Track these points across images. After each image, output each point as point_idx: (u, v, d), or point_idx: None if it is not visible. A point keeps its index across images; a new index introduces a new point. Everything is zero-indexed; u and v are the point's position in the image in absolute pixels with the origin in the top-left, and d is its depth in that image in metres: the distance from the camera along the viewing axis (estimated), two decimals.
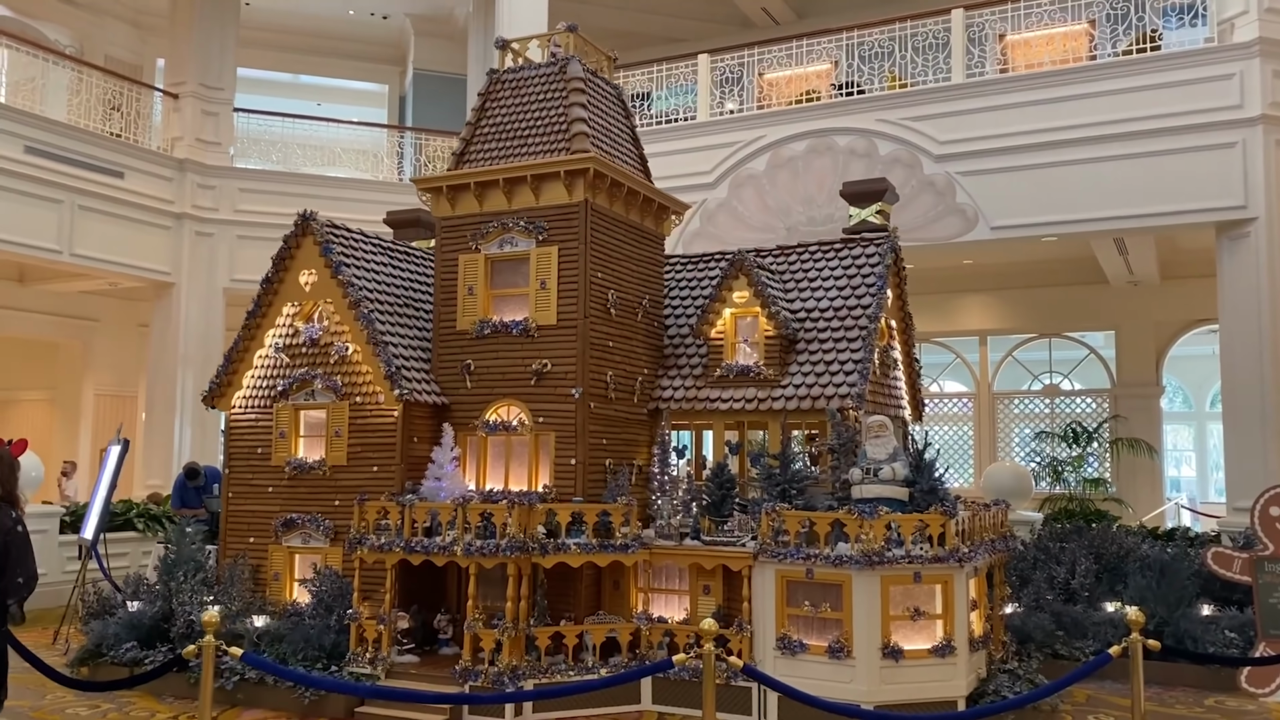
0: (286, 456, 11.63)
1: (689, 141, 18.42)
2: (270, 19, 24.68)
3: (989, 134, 16.55)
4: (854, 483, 10.13)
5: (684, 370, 12.15)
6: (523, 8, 18.02)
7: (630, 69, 19.35)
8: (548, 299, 11.12)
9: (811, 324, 11.85)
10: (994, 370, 22.32)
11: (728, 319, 11.85)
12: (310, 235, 11.63)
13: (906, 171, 16.71)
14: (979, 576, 10.40)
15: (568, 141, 11.30)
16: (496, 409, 11.32)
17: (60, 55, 19.42)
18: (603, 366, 11.23)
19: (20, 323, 21.34)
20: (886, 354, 12.09)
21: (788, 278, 12.40)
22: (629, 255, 11.83)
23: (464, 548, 9.96)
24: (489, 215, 11.45)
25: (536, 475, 11.09)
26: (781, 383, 11.51)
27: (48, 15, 22.85)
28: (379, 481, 11.09)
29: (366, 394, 11.27)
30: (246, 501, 11.86)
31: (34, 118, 17.66)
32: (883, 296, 11.72)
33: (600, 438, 11.15)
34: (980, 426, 21.98)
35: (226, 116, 20.97)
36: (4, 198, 17.01)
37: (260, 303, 11.86)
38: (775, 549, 9.74)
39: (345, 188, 20.62)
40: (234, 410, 12.08)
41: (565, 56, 11.77)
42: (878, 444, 10.29)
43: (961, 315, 22.21)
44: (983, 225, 16.61)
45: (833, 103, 17.72)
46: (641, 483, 11.69)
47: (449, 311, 11.60)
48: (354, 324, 11.28)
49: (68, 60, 19.46)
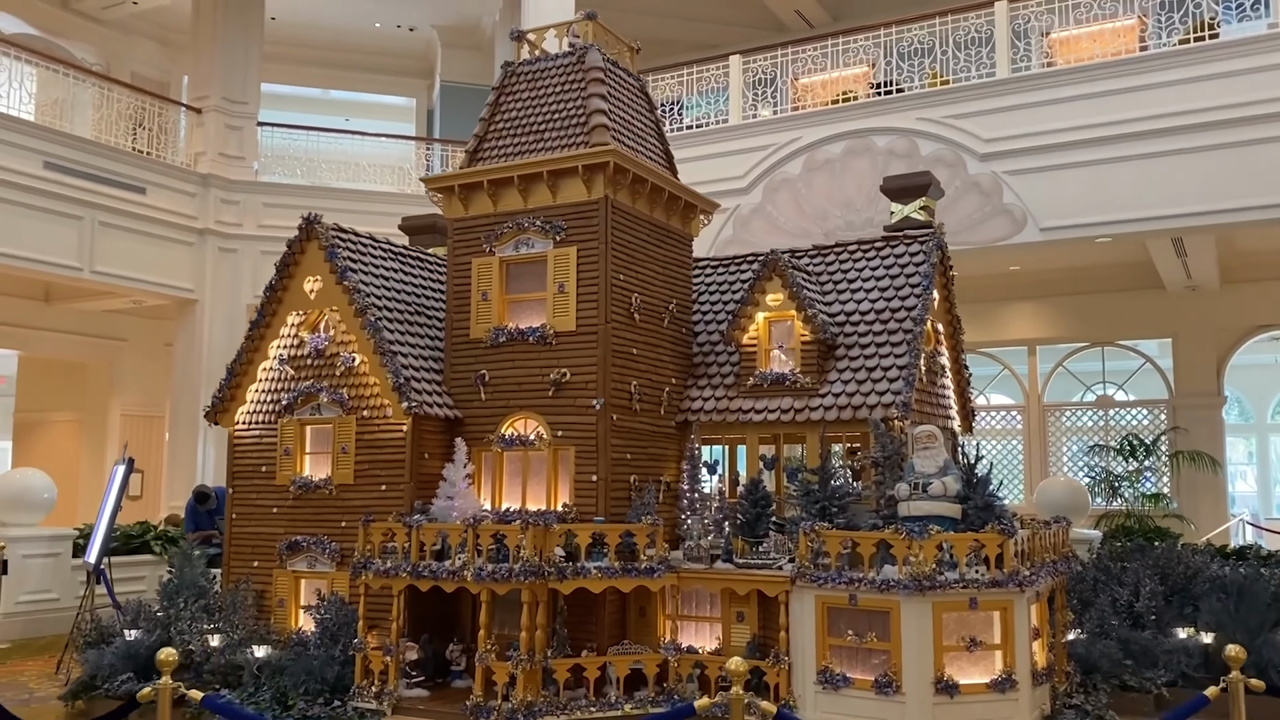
0: (291, 475, 10.93)
1: (721, 145, 17.67)
2: (296, 33, 24.27)
3: (1037, 130, 15.70)
4: (901, 499, 9.29)
5: (714, 379, 11.35)
6: (549, 15, 17.32)
7: (660, 73, 18.66)
8: (566, 303, 10.37)
9: (852, 328, 11.02)
10: (1044, 382, 21.32)
11: (761, 324, 11.03)
12: (315, 240, 10.96)
13: (950, 172, 15.85)
14: (1040, 602, 9.49)
15: (586, 135, 10.57)
16: (513, 422, 10.56)
17: (83, 70, 19.01)
18: (626, 376, 10.45)
19: (47, 343, 20.94)
20: (933, 360, 11.22)
21: (825, 279, 11.58)
22: (653, 256, 11.06)
23: (474, 572, 9.18)
24: (503, 215, 10.73)
25: (555, 493, 10.32)
26: (820, 391, 10.68)
27: (75, 34, 22.57)
28: (387, 501, 10.35)
29: (374, 408, 10.56)
30: (250, 523, 11.17)
31: (53, 133, 17.23)
32: (928, 297, 10.87)
33: (624, 452, 10.36)
34: (1030, 441, 20.98)
35: (250, 131, 20.50)
36: (23, 214, 16.57)
37: (263, 312, 11.20)
38: (815, 572, 8.91)
39: (372, 201, 20.04)
40: (237, 426, 11.42)
41: (584, 46, 11.05)
42: (926, 456, 9.46)
43: (1009, 324, 21.25)
44: (1032, 226, 15.73)
45: (871, 102, 16.92)
46: (669, 501, 10.89)
47: (462, 319, 10.88)
48: (360, 333, 10.58)
49: (90, 75, 19.05)
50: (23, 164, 16.58)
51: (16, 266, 16.70)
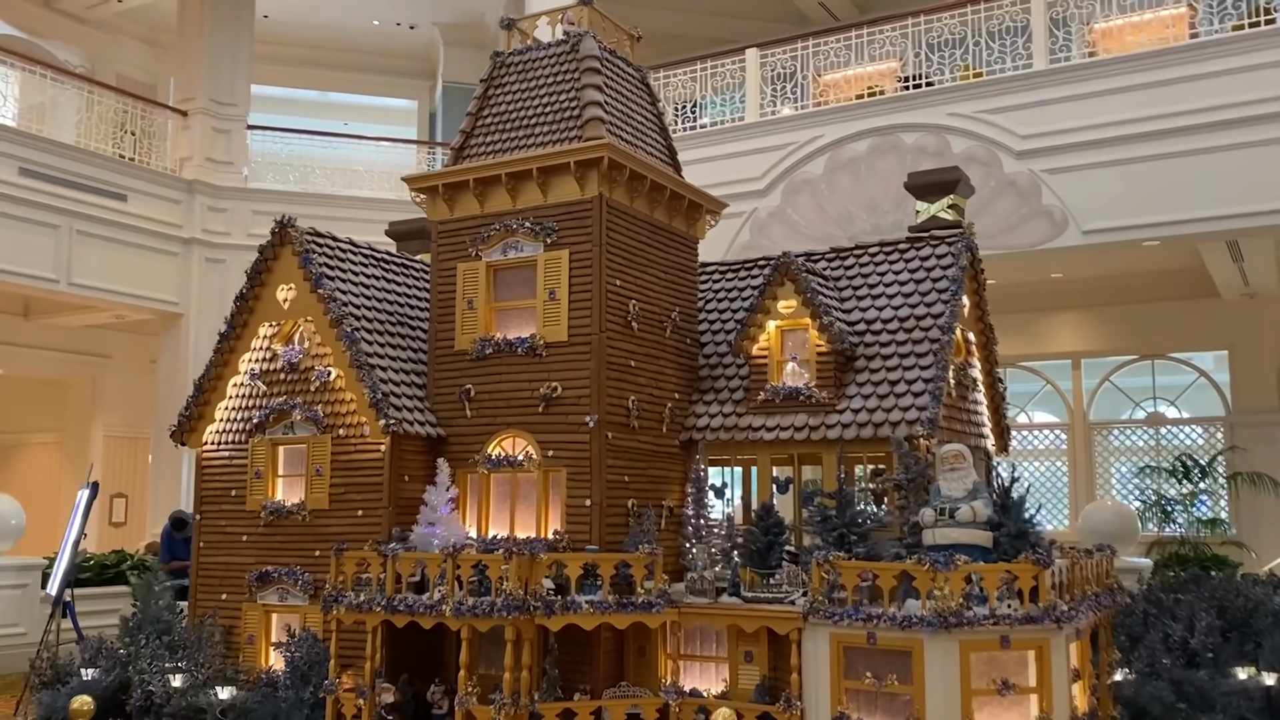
0: (262, 499, 10.10)
1: (737, 145, 16.76)
2: (290, 32, 23.46)
3: (1078, 125, 14.68)
4: (925, 526, 8.40)
5: (722, 395, 10.41)
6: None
7: (672, 68, 17.78)
8: (557, 311, 9.49)
9: (873, 337, 10.06)
10: (1089, 398, 20.16)
11: (772, 333, 10.09)
12: (289, 245, 10.15)
13: (984, 170, 14.82)
14: (1082, 639, 8.51)
15: (580, 129, 9.70)
16: (500, 441, 9.68)
17: (62, 72, 18.33)
18: (623, 390, 9.54)
19: (26, 360, 20.10)
20: (963, 372, 10.21)
21: (844, 284, 10.62)
22: (654, 260, 10.15)
23: (453, 607, 8.34)
24: (491, 217, 9.89)
25: (546, 519, 9.43)
26: (838, 407, 9.73)
27: (58, 35, 21.82)
28: (364, 528, 9.51)
29: (351, 426, 9.72)
30: (219, 552, 10.37)
31: (29, 137, 16.56)
32: (958, 304, 9.89)
33: (621, 474, 9.45)
34: (1075, 461, 19.81)
35: (239, 134, 19.72)
36: None
37: (233, 323, 10.42)
38: (829, 608, 8.03)
39: (369, 208, 19.13)
40: (206, 447, 10.63)
41: (578, 33, 10.19)
42: (954, 478, 8.52)
43: (1051, 336, 20.11)
44: (1073, 229, 14.69)
45: (898, 96, 15.95)
46: (672, 528, 9.98)
47: (446, 329, 10.03)
48: (336, 345, 9.78)
49: (70, 77, 18.38)
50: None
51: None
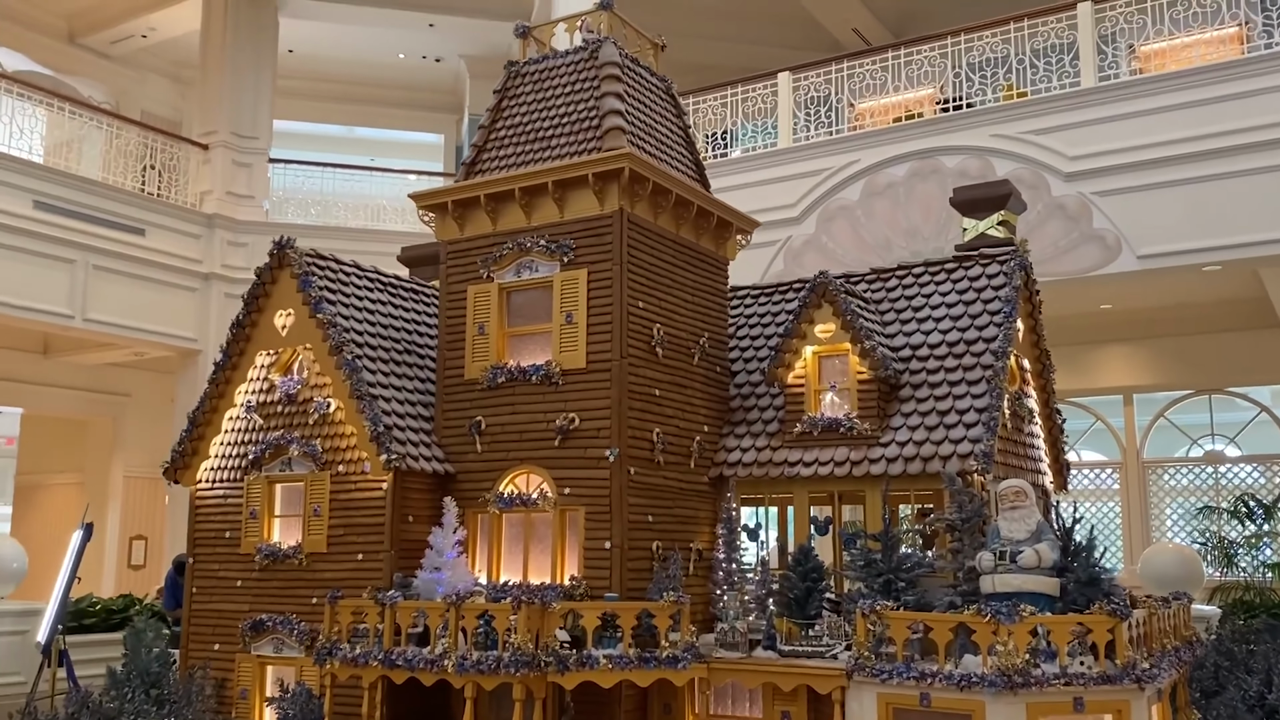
0: (257, 541, 9.34)
1: (769, 171, 16.05)
2: (316, 66, 23.16)
3: (1130, 145, 13.88)
4: (984, 571, 7.54)
5: (755, 427, 9.59)
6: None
7: (702, 94, 17.12)
8: (575, 336, 8.73)
9: (919, 363, 9.23)
10: (1143, 435, 19.10)
11: (809, 360, 9.27)
12: (288, 268, 9.46)
13: (1031, 194, 13.95)
14: (1162, 700, 7.55)
15: (599, 140, 8.98)
16: (513, 478, 8.90)
17: (81, 104, 17.92)
18: (647, 421, 8.75)
19: (45, 399, 19.65)
20: (1019, 402, 9.34)
21: (886, 307, 9.80)
22: (680, 282, 9.38)
23: (456, 662, 7.54)
24: (504, 235, 9.16)
25: (562, 564, 8.59)
26: (882, 440, 8.90)
27: (83, 70, 21.67)
28: (364, 573, 8.74)
29: (350, 461, 8.97)
30: (212, 598, 9.62)
31: (44, 170, 16.15)
32: (1011, 327, 9.05)
33: (644, 514, 8.63)
34: (1129, 502, 18.73)
35: (261, 168, 19.28)
36: (8, 257, 15.34)
37: (229, 352, 9.73)
38: (876, 664, 7.21)
39: (393, 242, 18.39)
40: (199, 485, 9.90)
41: (597, 39, 9.50)
42: (1014, 518, 7.68)
43: (1101, 370, 19.11)
44: (1127, 254, 13.84)
45: (938, 118, 15.20)
46: (702, 573, 9.14)
47: (455, 357, 9.28)
48: (336, 374, 9.03)
49: (88, 110, 17.96)
50: (10, 203, 15.41)
51: (1, 314, 15.42)
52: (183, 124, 21.77)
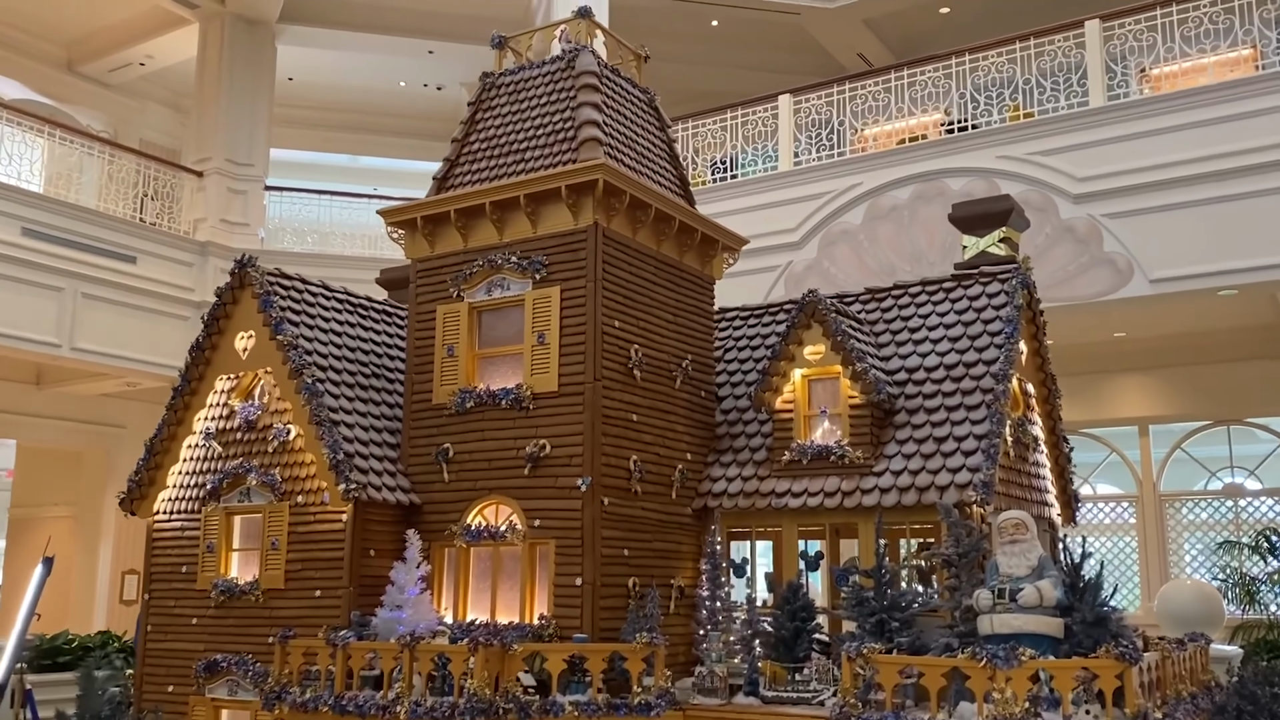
0: (214, 576, 8.80)
1: (769, 195, 15.57)
2: (317, 95, 22.84)
3: (1142, 165, 13.36)
4: (981, 610, 6.97)
5: (742, 455, 9.04)
6: None
7: (701, 118, 16.69)
8: (547, 357, 8.21)
9: (915, 387, 8.68)
10: (1159, 468, 18.41)
11: (798, 383, 8.73)
12: (249, 288, 8.99)
13: (1038, 217, 13.46)
14: None
15: (574, 152, 8.50)
16: (481, 509, 8.37)
17: (72, 131, 17.61)
18: (623, 448, 8.21)
19: (39, 430, 19.19)
20: (1022, 429, 8.77)
21: (881, 328, 9.27)
22: (661, 301, 8.87)
23: (409, 709, 6.96)
24: (475, 253, 8.68)
25: (531, 601, 8.03)
26: (875, 469, 8.34)
27: (82, 100, 21.30)
28: (322, 610, 8.19)
29: (310, 492, 8.44)
30: (166, 637, 9.08)
31: (34, 197, 15.78)
32: (1013, 349, 8.49)
33: (620, 547, 8.08)
34: (1145, 537, 18.02)
35: (256, 195, 18.85)
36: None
37: (188, 376, 9.23)
38: (863, 713, 6.59)
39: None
40: (157, 517, 9.39)
41: (575, 48, 9.05)
42: (1014, 552, 7.13)
43: (1115, 400, 18.47)
44: (1139, 279, 13.28)
45: (943, 140, 14.72)
46: (685, 612, 8.56)
47: (424, 381, 8.78)
48: (297, 399, 8.51)
49: (80, 136, 17.66)
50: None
51: None
52: (182, 153, 21.49)
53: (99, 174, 17.23)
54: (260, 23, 19.65)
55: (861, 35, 19.99)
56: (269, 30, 19.89)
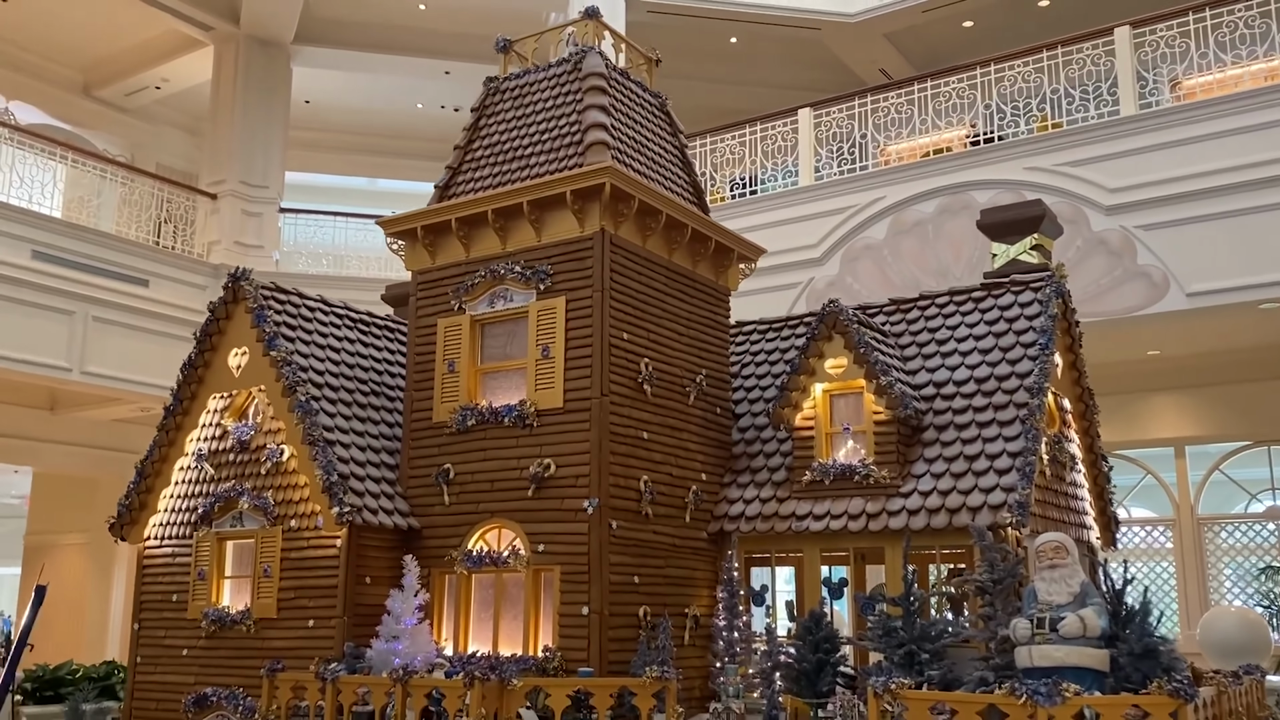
0: (205, 605, 8.37)
1: (790, 210, 15.13)
2: (335, 117, 22.70)
3: (1176, 175, 12.81)
4: (1019, 641, 6.46)
5: (760, 475, 8.56)
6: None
7: (720, 133, 16.30)
8: (552, 372, 7.77)
9: (944, 402, 8.19)
10: (1196, 490, 17.73)
11: (819, 399, 8.25)
12: (243, 303, 8.60)
13: (1069, 229, 12.91)
14: None
15: (580, 156, 8.09)
16: (483, 533, 7.92)
17: (84, 153, 17.44)
18: (633, 468, 7.74)
19: (55, 457, 18.98)
20: (1058, 446, 8.25)
21: (907, 340, 8.78)
22: (673, 313, 8.42)
23: None
24: (478, 263, 8.26)
25: (536, 631, 7.55)
26: (902, 489, 7.85)
27: (103, 125, 21.29)
28: (315, 641, 7.75)
29: (304, 515, 8.02)
30: (157, 669, 8.64)
31: (43, 219, 15.56)
32: (1047, 360, 7.98)
33: (630, 574, 7.60)
34: (1183, 562, 17.34)
35: (271, 218, 18.62)
36: (4, 309, 14.69)
37: (180, 395, 8.84)
38: None
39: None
40: (148, 542, 8.99)
41: (582, 49, 8.66)
42: (1054, 578, 6.62)
43: (1149, 421, 17.82)
44: (1175, 292, 12.72)
45: (968, 152, 14.24)
46: (700, 642, 8.06)
47: (424, 398, 8.36)
48: (290, 418, 8.10)
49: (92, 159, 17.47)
50: (7, 253, 14.81)
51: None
52: (199, 177, 21.36)
53: (116, 198, 17.02)
54: (275, 44, 19.46)
55: (883, 50, 19.57)
56: (284, 52, 19.71)
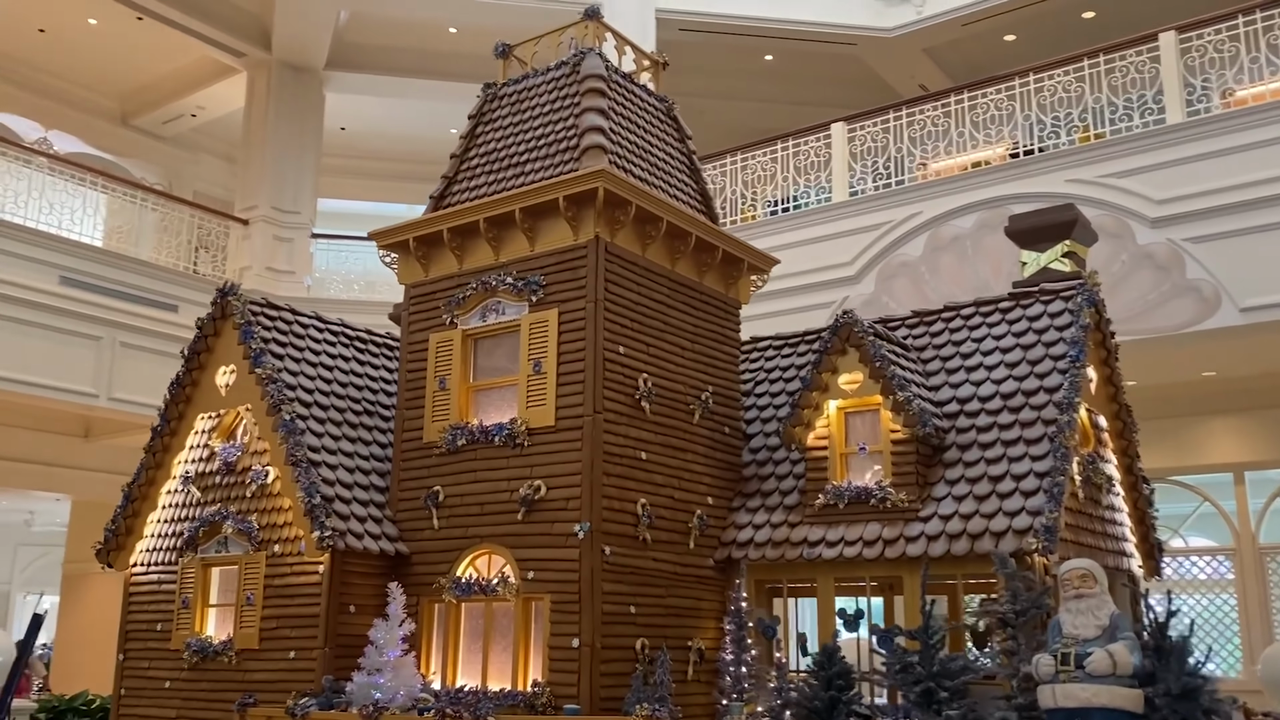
0: (187, 635, 8.00)
1: (823, 228, 14.61)
2: (370, 144, 22.60)
3: (1227, 185, 12.12)
4: (1042, 679, 5.84)
5: (771, 499, 8.03)
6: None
7: (750, 150, 15.85)
8: (544, 388, 7.33)
9: (968, 419, 7.62)
10: (1258, 518, 16.82)
11: (833, 416, 7.71)
12: (231, 319, 8.28)
13: (1114, 244, 12.33)
14: None
15: (577, 162, 7.68)
16: (473, 559, 7.48)
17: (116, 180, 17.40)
18: (629, 490, 7.27)
19: (89, 484, 18.86)
20: (1092, 466, 7.63)
21: (930, 354, 8.23)
22: (676, 326, 7.95)
23: None
24: (471, 275, 7.87)
25: (525, 664, 7.07)
26: (922, 513, 7.29)
27: (140, 154, 21.43)
28: (296, 674, 7.34)
29: (287, 540, 7.64)
30: (140, 701, 8.27)
31: (70, 244, 15.49)
32: (1079, 374, 7.39)
33: (625, 603, 7.10)
34: (1245, 593, 16.42)
35: (303, 244, 18.48)
36: (32, 334, 14.61)
37: (166, 416, 8.53)
38: None
39: None
40: (134, 569, 8.65)
41: (581, 51, 8.27)
42: (1081, 610, 6.04)
43: (1205, 446, 16.97)
44: (1228, 307, 12.01)
45: (1008, 164, 13.65)
46: (706, 678, 7.52)
47: (415, 417, 7.96)
48: (275, 437, 7.73)
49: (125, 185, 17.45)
50: (35, 279, 14.73)
51: (19, 393, 14.65)
52: (234, 204, 21.42)
53: (152, 225, 16.98)
54: (307, 70, 19.38)
55: (922, 65, 19.04)
56: (316, 77, 19.64)
